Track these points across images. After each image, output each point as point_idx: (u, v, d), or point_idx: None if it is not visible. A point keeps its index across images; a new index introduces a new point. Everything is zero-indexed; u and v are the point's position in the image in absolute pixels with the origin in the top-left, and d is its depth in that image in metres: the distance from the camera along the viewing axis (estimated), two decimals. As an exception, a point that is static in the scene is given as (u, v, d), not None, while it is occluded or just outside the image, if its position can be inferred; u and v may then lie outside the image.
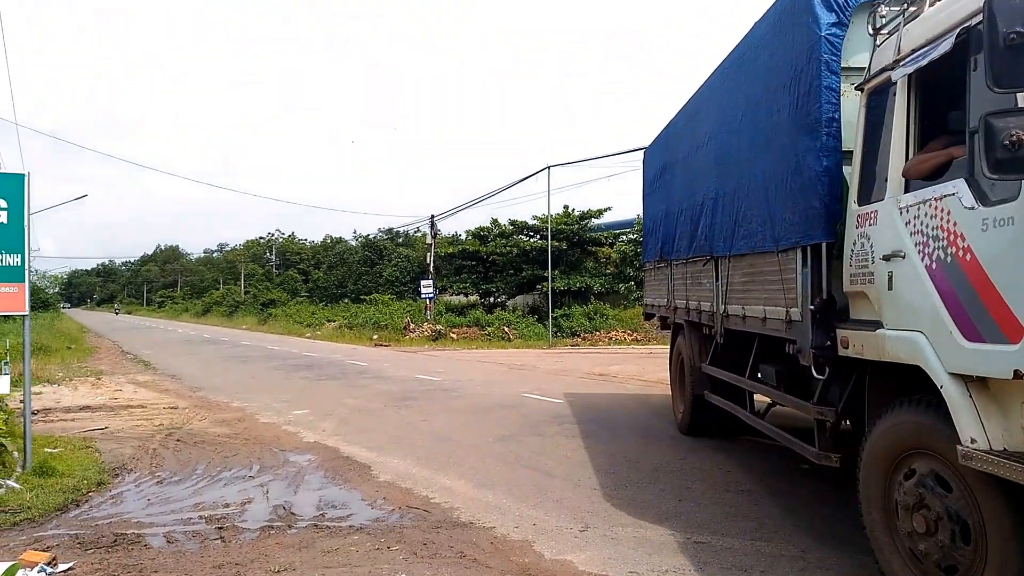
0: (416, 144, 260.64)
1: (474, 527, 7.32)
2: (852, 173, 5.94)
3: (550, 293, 36.87)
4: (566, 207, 44.96)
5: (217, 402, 16.53)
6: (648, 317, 14.05)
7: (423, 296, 44.27)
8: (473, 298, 48.81)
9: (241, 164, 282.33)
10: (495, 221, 48.08)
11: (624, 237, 43.96)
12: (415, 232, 75.19)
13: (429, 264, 45.64)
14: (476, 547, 6.72)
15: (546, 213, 39.65)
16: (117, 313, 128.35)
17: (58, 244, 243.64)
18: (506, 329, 37.31)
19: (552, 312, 36.54)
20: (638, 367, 22.52)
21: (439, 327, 39.40)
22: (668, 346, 12.79)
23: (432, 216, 45.90)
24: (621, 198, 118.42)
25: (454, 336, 37.93)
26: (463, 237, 55.95)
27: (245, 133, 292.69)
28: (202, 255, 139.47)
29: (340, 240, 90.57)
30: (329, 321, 50.77)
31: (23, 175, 9.42)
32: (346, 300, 62.43)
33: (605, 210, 44.03)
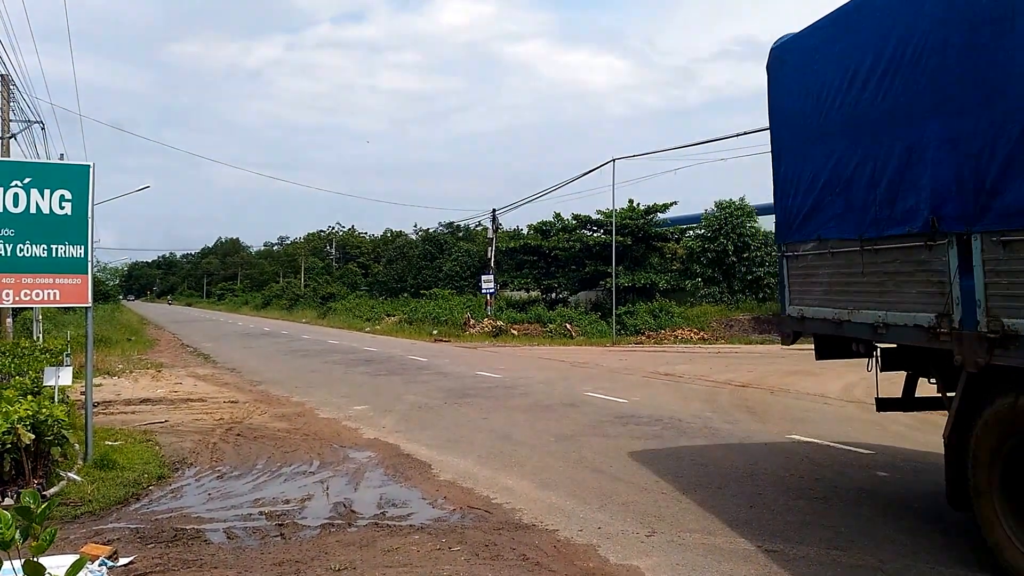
0: (478, 136, 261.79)
1: (537, 529, 7.27)
2: None
3: (614, 289, 36.73)
4: (631, 201, 44.65)
5: (277, 396, 16.77)
6: (791, 337, 8.83)
7: (483, 291, 44.54)
8: (534, 294, 48.90)
9: (302, 158, 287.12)
10: (557, 216, 48.05)
11: (691, 233, 43.48)
12: (476, 226, 75.80)
13: (490, 259, 45.82)
14: (539, 550, 6.66)
15: (610, 207, 39.45)
16: (171, 303, 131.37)
17: (119, 236, 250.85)
18: (568, 326, 37.26)
19: (616, 309, 36.40)
20: (705, 367, 22.30)
21: (499, 323, 39.50)
22: (734, 346, 12.49)
23: (494, 210, 46.16)
24: (687, 193, 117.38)
25: (515, 332, 38.02)
26: (524, 232, 55.89)
27: (308, 125, 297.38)
28: (262, 248, 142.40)
29: (400, 234, 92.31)
30: (388, 315, 51.25)
31: (88, 166, 9.60)
32: (405, 295, 62.98)
33: (670, 204, 43.67)
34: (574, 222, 46.46)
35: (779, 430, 12.05)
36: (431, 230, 72.66)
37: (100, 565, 6.12)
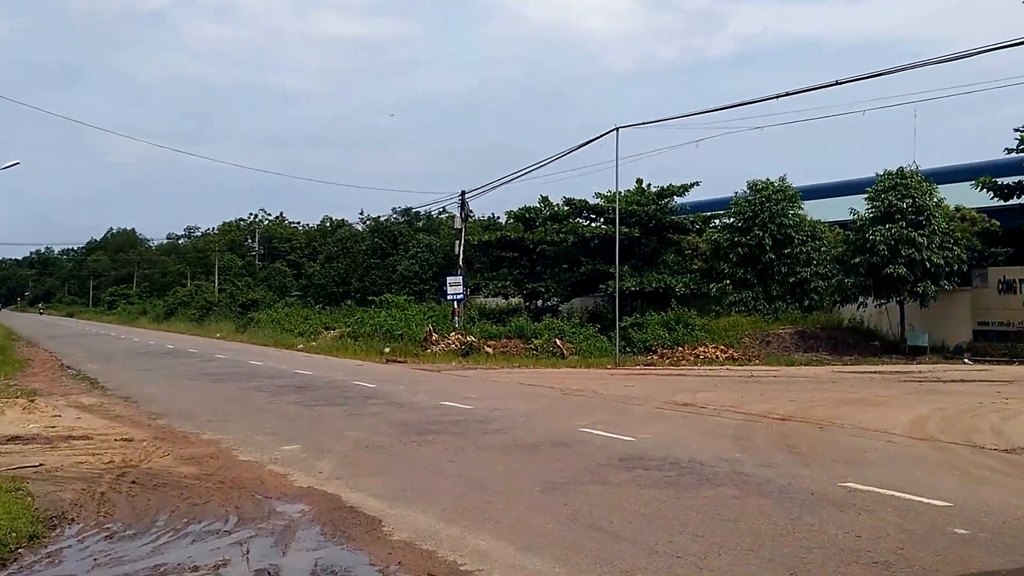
0: (443, 98, 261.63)
1: (517, 605, 7.29)
2: None
3: (617, 295, 36.79)
4: (639, 182, 44.94)
5: (184, 433, 16.70)
6: None
7: (449, 297, 44.67)
8: (515, 301, 49.35)
9: (217, 126, 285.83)
10: (545, 200, 48.50)
11: (716, 222, 43.89)
12: (439, 213, 76.00)
13: (458, 255, 45.87)
14: (520, 633, 6.67)
15: (612, 189, 39.57)
16: (42, 313, 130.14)
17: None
18: (558, 342, 37.43)
19: (620, 320, 36.50)
20: (735, 395, 22.42)
21: (470, 338, 39.61)
22: (773, 367, 12.42)
23: (463, 193, 46.13)
24: (711, 172, 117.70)
25: (489, 350, 38.15)
26: (503, 221, 56.06)
27: (225, 84, 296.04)
28: (165, 242, 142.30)
29: (343, 223, 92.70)
30: (328, 329, 51.41)
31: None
32: (350, 302, 63.21)
33: (690, 186, 44.10)
34: (566, 208, 46.75)
35: (829, 476, 12.07)
36: (382, 218, 73.56)
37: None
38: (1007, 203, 36.73)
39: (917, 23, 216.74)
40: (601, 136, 34.59)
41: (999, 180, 36.54)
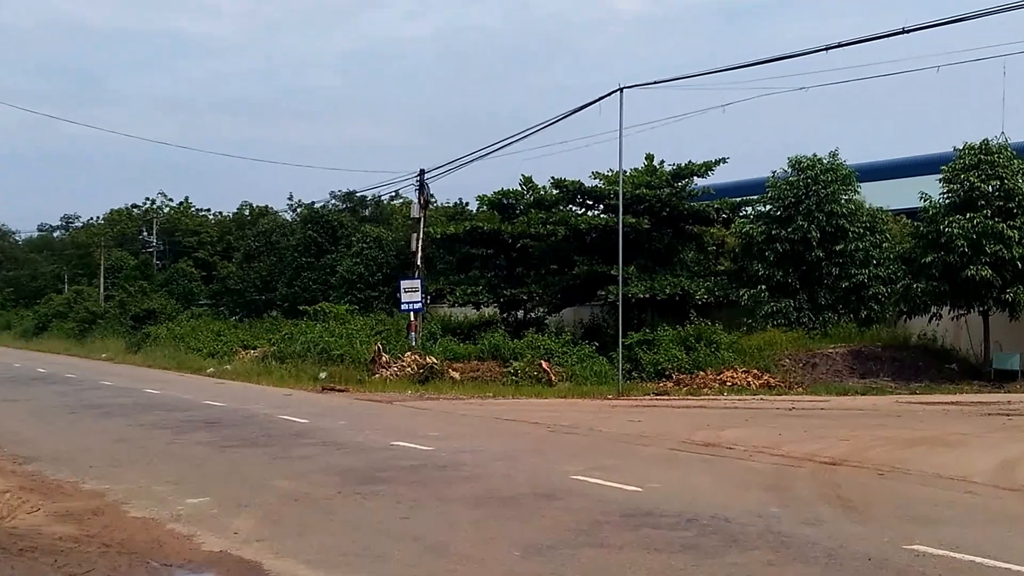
0: (398, 48, 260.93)
1: None
2: None
3: (620, 304, 36.51)
4: (649, 159, 45.32)
5: (59, 482, 16.64)
6: None
7: (405, 307, 44.87)
8: (489, 311, 49.58)
9: (105, 86, 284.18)
10: (528, 182, 48.82)
11: (748, 210, 44.15)
12: (392, 199, 75.32)
13: (416, 252, 46.13)
14: None
15: (614, 168, 39.70)
16: None
17: None
18: (544, 365, 37.60)
19: (624, 337, 36.51)
20: (772, 432, 22.67)
21: (431, 360, 39.79)
22: (820, 397, 12.35)
23: (422, 172, 46.31)
24: (742, 145, 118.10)
25: (456, 375, 38.44)
26: (474, 208, 55.79)
27: (115, 32, 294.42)
28: (35, 236, 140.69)
29: (266, 211, 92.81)
30: (246, 348, 51.85)
31: None
32: (275, 313, 63.51)
33: (715, 164, 44.42)
34: (556, 193, 47.07)
35: (891, 536, 12.09)
36: (318, 205, 73.56)
37: None
38: None
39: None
40: (601, 99, 34.68)
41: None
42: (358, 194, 73.67)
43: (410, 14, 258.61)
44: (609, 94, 33.63)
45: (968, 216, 33.68)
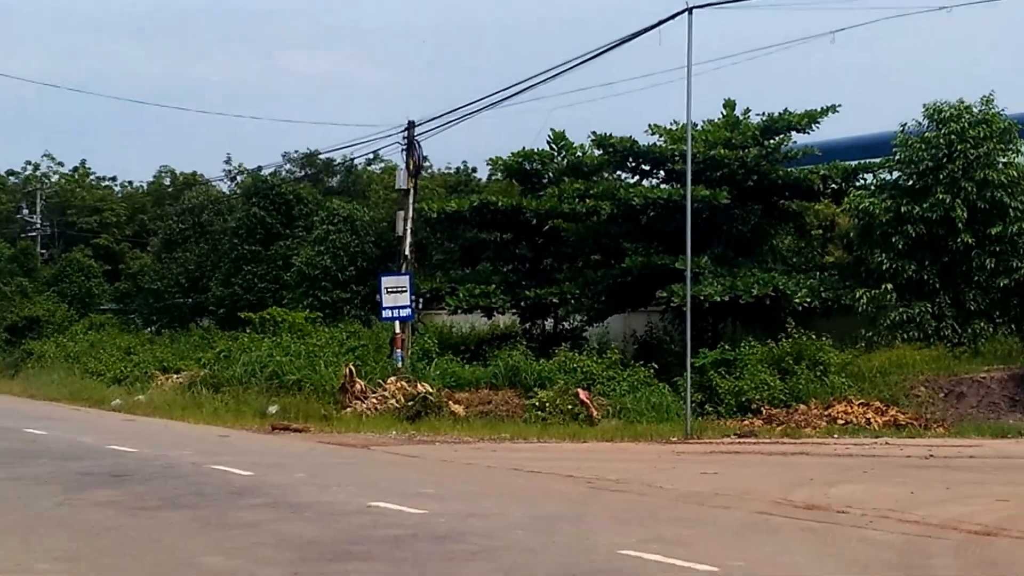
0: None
1: None
2: None
3: (690, 310, 36.18)
4: (729, 106, 45.08)
5: None
6: None
7: (387, 314, 44.93)
8: (506, 319, 50.20)
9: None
10: (559, 138, 48.82)
11: (868, 178, 44.09)
12: (369, 163, 75.71)
13: (403, 237, 46.17)
14: None
15: (679, 120, 39.58)
16: None
17: None
18: (583, 396, 37.33)
19: (695, 356, 36.48)
20: (899, 489, 22.40)
21: (424, 388, 39.66)
22: (967, 440, 12.24)
23: (411, 125, 46.38)
24: (855, 92, 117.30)
25: (459, 410, 38.56)
26: (483, 177, 55.41)
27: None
28: None
29: (194, 180, 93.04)
30: (167, 371, 51.60)
31: None
32: (207, 321, 63.70)
33: (823, 113, 44.11)
34: (598, 154, 47.36)
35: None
36: (266, 171, 73.14)
37: None
38: None
39: None
40: (663, 22, 34.75)
41: None
42: (321, 155, 72.92)
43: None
44: (673, 16, 34.00)
45: None
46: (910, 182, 39.69)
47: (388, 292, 44.39)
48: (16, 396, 51.94)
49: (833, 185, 44.37)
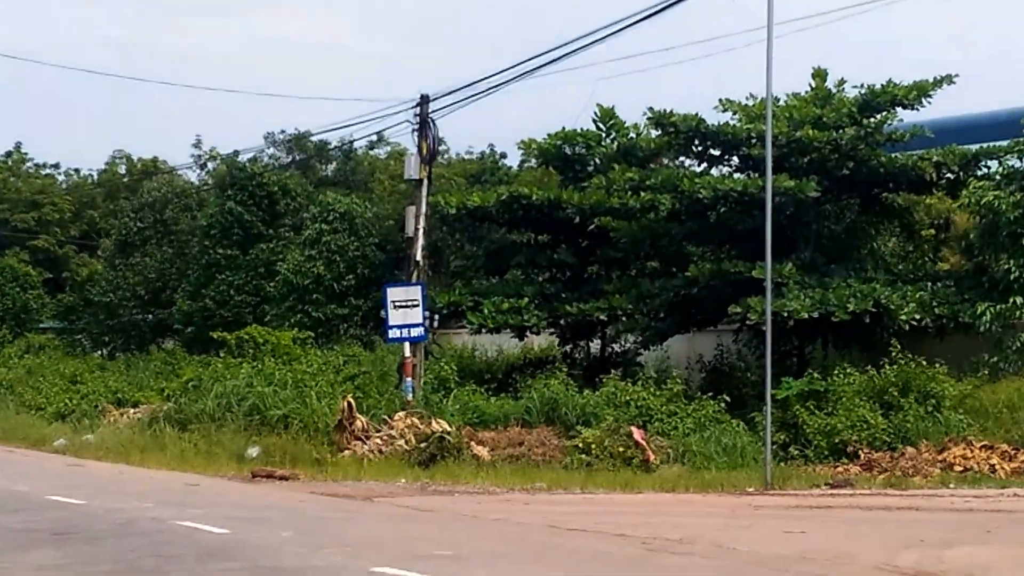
0: None
1: None
2: None
3: (770, 330, 35.56)
4: (819, 75, 44.94)
5: None
6: None
7: (395, 335, 44.90)
8: (542, 341, 50.26)
9: None
10: (607, 116, 48.93)
11: (992, 165, 43.79)
12: (370, 147, 76.66)
13: (414, 239, 46.02)
14: None
15: (756, 94, 40.42)
16: None
17: None
18: (638, 435, 37.25)
19: (776, 387, 36.23)
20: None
21: (441, 426, 39.51)
22: None
23: (424, 100, 46.28)
24: (974, 60, 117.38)
25: (483, 452, 38.42)
26: (514, 164, 55.60)
27: None
28: None
29: (155, 167, 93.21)
30: (122, 404, 51.42)
31: None
32: (171, 343, 63.97)
33: (936, 85, 43.67)
34: (656, 136, 47.14)
35: None
36: (244, 157, 72.54)
37: None
38: None
39: None
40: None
41: None
42: (313, 137, 72.77)
43: None
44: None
45: None
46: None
47: (396, 307, 44.25)
48: (-73, 434, 51.58)
49: (948, 174, 44.04)
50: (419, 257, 45.52)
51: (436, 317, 47.31)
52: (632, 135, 48.27)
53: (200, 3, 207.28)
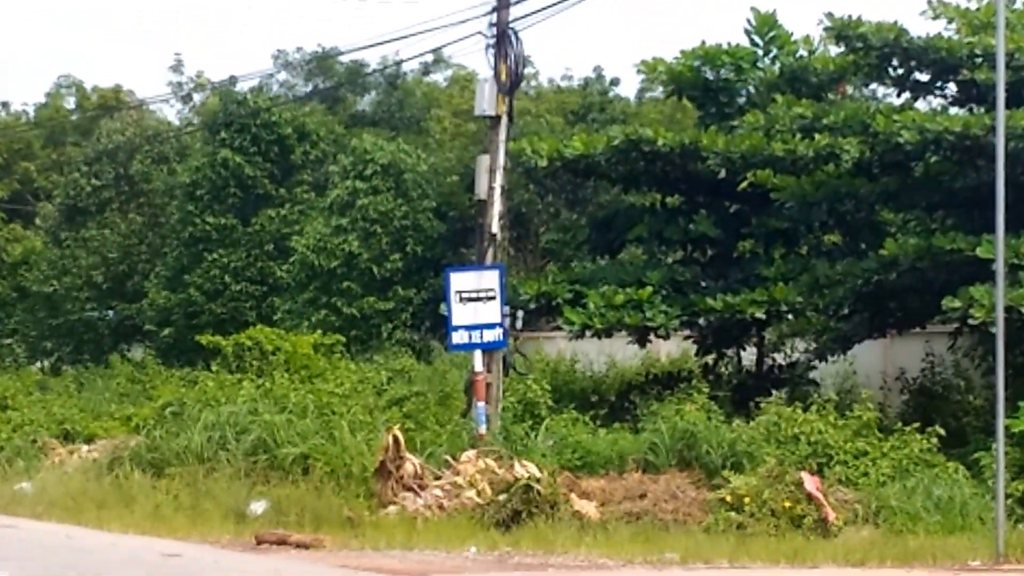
0: None
1: None
2: None
3: (1001, 334, 30.75)
4: None
5: None
6: None
7: (459, 339, 39.41)
8: (672, 348, 47.62)
9: None
10: (764, 24, 43.05)
11: None
12: (424, 72, 74.14)
13: (490, 201, 39.46)
14: None
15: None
16: None
17: None
18: (813, 484, 32.43)
19: (1012, 415, 31.34)
20: None
21: (528, 471, 34.46)
22: None
23: (501, 3, 39.90)
24: None
25: (587, 509, 33.70)
26: (629, 96, 53.30)
27: None
28: None
29: (119, 99, 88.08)
30: (74, 439, 45.59)
31: None
32: (141, 350, 58.64)
33: None
34: (837, 56, 41.60)
35: None
36: (243, 85, 65.68)
37: None
38: None
39: None
40: None
41: None
42: (343, 57, 66.48)
43: None
44: None
45: None
46: None
47: (462, 300, 37.89)
48: None
49: None
50: (495, 229, 38.56)
51: (520, 314, 39.84)
52: (802, 53, 41.12)
53: None
